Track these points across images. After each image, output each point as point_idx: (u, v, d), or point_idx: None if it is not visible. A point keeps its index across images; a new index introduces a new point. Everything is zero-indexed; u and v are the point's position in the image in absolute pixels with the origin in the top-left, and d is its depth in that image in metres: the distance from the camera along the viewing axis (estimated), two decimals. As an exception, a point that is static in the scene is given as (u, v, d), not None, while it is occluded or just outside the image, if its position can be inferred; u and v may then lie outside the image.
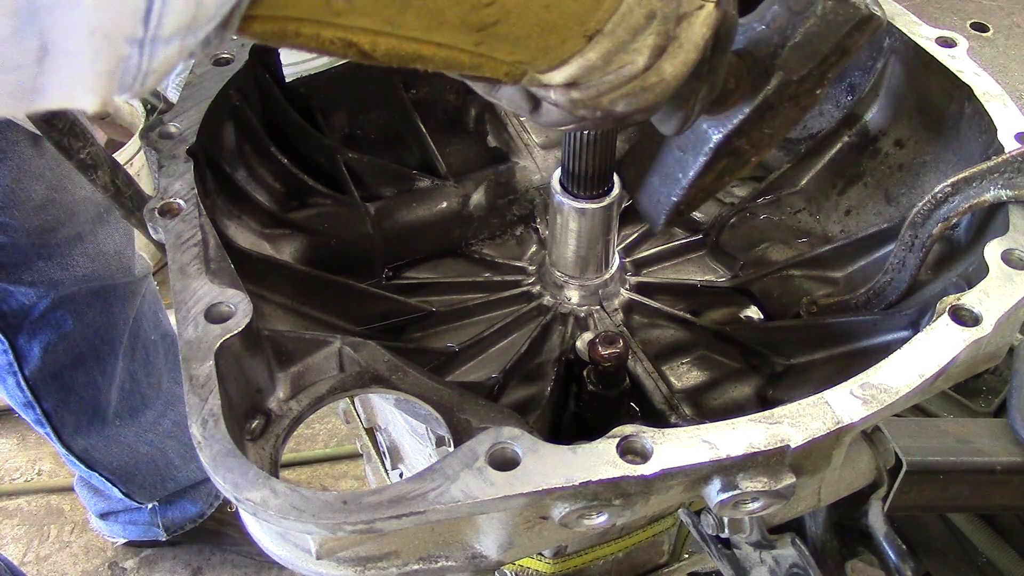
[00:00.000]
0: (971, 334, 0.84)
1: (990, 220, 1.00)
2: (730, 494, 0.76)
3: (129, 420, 2.19)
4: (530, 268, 1.25)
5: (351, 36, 0.60)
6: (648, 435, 0.76)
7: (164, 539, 2.52)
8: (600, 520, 0.76)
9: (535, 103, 0.76)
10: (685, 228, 1.32)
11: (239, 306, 0.86)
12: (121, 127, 3.05)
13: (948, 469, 1.12)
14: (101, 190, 1.37)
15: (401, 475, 1.56)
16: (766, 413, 0.78)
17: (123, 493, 2.34)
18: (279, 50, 1.21)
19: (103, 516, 2.51)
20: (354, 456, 2.79)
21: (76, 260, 1.88)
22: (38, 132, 1.58)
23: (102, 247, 1.91)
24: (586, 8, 0.65)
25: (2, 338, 1.90)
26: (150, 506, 2.43)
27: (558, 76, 0.68)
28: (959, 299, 0.87)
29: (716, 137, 0.90)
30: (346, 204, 1.24)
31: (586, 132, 1.01)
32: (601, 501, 0.74)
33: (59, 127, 1.30)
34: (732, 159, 0.93)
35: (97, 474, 2.25)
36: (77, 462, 2.20)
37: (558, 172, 1.09)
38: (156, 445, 2.29)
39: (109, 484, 2.30)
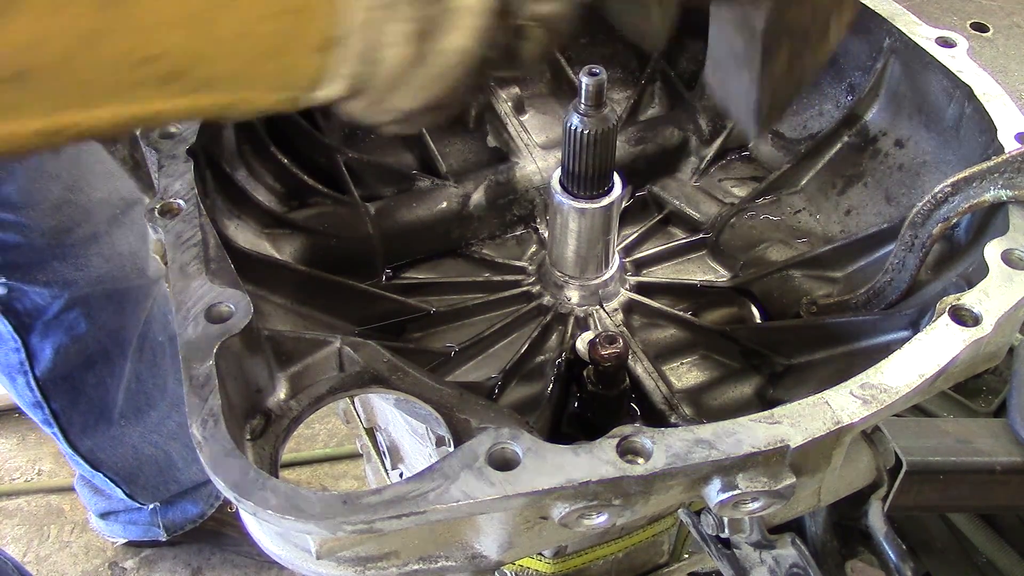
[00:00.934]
0: (971, 334, 0.84)
1: (990, 220, 1.00)
2: (730, 494, 0.76)
3: (134, 421, 2.20)
4: (530, 268, 1.25)
5: (57, 121, 0.57)
6: (648, 435, 0.76)
7: (164, 539, 2.52)
8: (600, 520, 0.76)
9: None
10: (685, 228, 1.32)
11: (239, 306, 0.86)
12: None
13: (948, 469, 1.12)
14: (120, 163, 1.38)
15: (401, 475, 1.56)
16: (766, 413, 0.78)
17: (126, 494, 2.34)
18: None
19: (103, 516, 2.51)
20: (354, 456, 2.79)
21: (91, 260, 1.89)
22: None
23: (117, 248, 1.92)
24: (286, 26, 0.61)
25: (15, 336, 1.90)
26: (151, 506, 2.44)
27: (331, 92, 0.65)
28: (959, 299, 0.87)
29: (759, 21, 0.84)
30: (346, 204, 1.24)
31: (586, 132, 1.01)
32: (601, 501, 0.74)
33: None
34: (795, 40, 0.86)
35: (101, 474, 2.25)
36: (82, 462, 2.21)
37: (558, 172, 1.09)
38: (160, 446, 2.29)
39: (112, 484, 2.30)
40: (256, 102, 0.64)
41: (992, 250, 0.91)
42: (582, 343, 1.03)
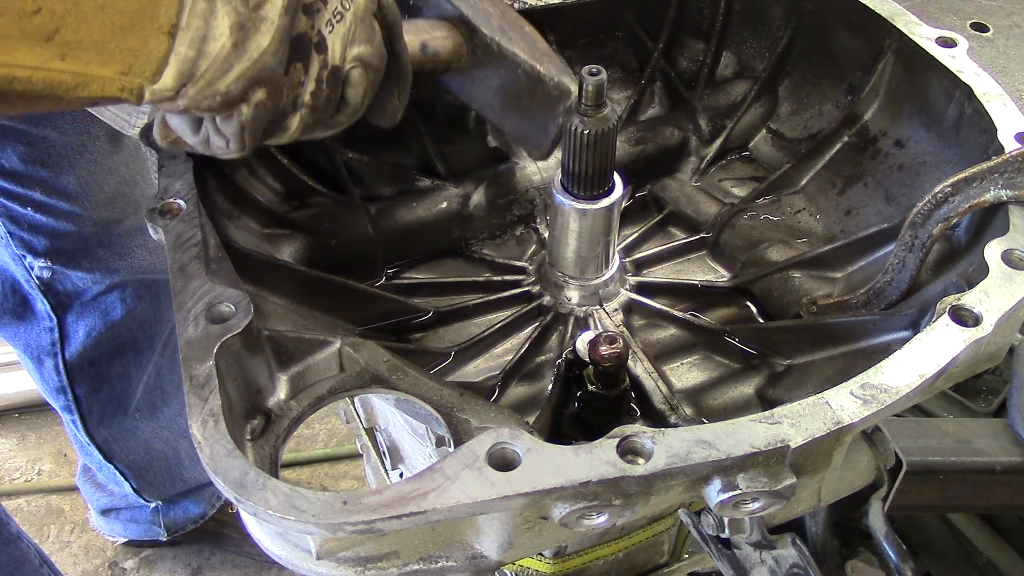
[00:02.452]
0: (971, 334, 0.84)
1: (990, 220, 1.00)
2: (730, 494, 0.76)
3: (148, 415, 2.22)
4: (530, 268, 1.25)
5: None
6: (648, 435, 0.76)
7: (164, 539, 2.52)
8: (600, 520, 0.76)
9: (196, 126, 0.83)
10: (685, 228, 1.32)
11: (239, 306, 0.86)
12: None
13: (948, 469, 1.12)
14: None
15: (401, 475, 1.56)
16: (766, 413, 0.78)
17: (133, 488, 2.35)
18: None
19: (104, 513, 2.51)
20: (354, 456, 2.79)
21: (135, 251, 1.92)
22: (119, 129, 1.63)
23: None
24: (144, 5, 0.71)
25: (52, 315, 1.92)
26: (153, 505, 2.44)
27: (169, 79, 0.75)
28: (959, 299, 0.87)
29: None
30: (346, 204, 1.24)
31: (586, 132, 1.01)
32: (601, 501, 0.74)
33: None
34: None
35: (112, 465, 2.27)
36: (96, 452, 2.22)
37: (559, 173, 1.09)
38: (170, 443, 2.30)
39: (122, 477, 2.31)
40: (105, 84, 0.73)
41: (992, 250, 0.91)
42: (582, 343, 1.03)
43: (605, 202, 1.08)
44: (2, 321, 1.96)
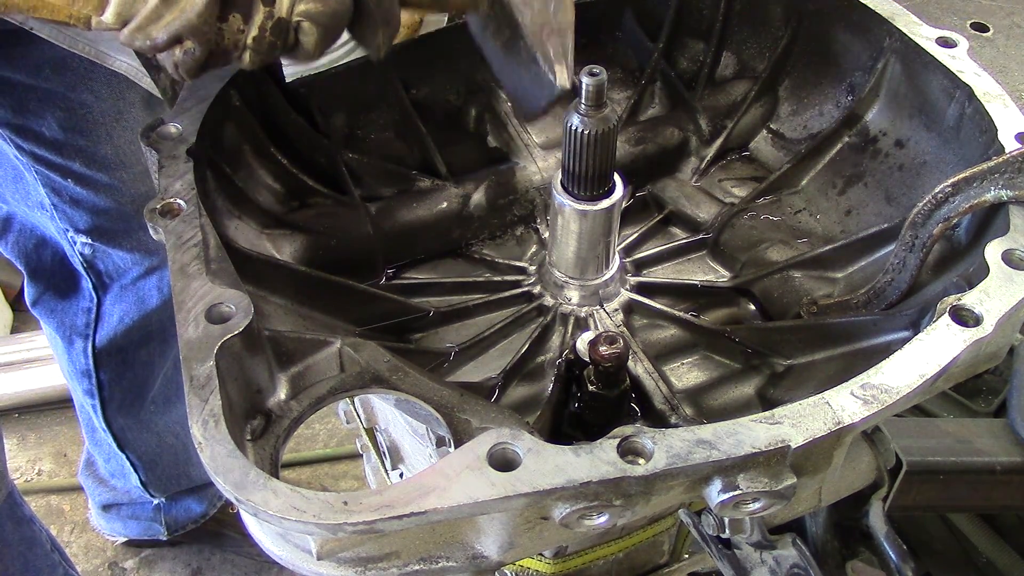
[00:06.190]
0: (972, 334, 0.84)
1: (990, 220, 1.00)
2: (731, 494, 0.76)
3: (162, 408, 2.22)
4: (530, 268, 1.25)
5: None
6: (649, 436, 0.76)
7: (164, 538, 2.52)
8: (601, 521, 0.76)
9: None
10: (685, 228, 1.32)
11: (240, 306, 0.86)
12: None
13: (948, 469, 1.12)
14: (160, 93, 1.41)
15: (401, 475, 1.56)
16: (767, 413, 0.78)
17: (141, 481, 2.35)
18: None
19: (105, 508, 2.51)
20: (354, 456, 2.79)
21: None
22: (158, 95, 1.63)
23: None
24: None
25: (92, 295, 1.93)
26: (155, 502, 2.44)
27: (110, 16, 0.88)
28: (960, 299, 0.87)
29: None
30: (346, 204, 1.24)
31: (586, 132, 1.01)
32: (602, 502, 0.75)
33: None
34: None
35: (124, 454, 2.27)
36: (110, 439, 2.22)
37: (559, 173, 1.09)
38: (181, 439, 2.31)
39: (131, 469, 2.31)
40: (55, 10, 0.89)
41: (993, 250, 0.91)
42: (582, 343, 1.03)
43: (605, 203, 1.08)
44: (43, 298, 1.97)
